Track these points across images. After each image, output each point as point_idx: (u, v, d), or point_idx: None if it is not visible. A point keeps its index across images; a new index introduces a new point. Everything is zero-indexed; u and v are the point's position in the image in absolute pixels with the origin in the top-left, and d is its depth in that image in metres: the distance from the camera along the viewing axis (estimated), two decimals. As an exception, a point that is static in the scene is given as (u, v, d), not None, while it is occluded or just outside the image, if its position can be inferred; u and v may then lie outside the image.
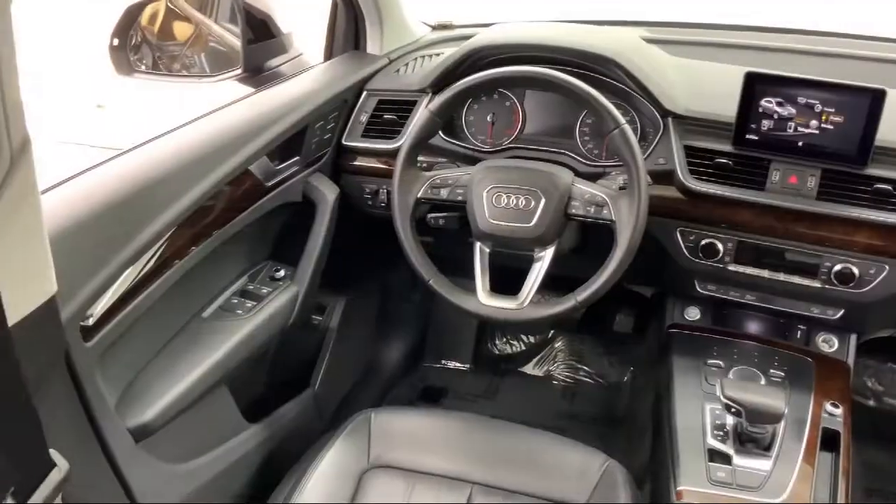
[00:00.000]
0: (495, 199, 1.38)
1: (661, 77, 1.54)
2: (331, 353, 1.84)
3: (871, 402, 2.22)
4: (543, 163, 1.46)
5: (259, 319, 1.42)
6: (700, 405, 1.39)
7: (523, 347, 2.41)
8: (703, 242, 1.50)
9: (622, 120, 1.32)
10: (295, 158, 1.55)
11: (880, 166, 1.38)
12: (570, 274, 1.43)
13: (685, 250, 1.52)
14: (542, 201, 1.36)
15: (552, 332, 2.40)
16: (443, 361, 2.37)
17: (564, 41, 1.55)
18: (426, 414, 1.51)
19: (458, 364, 2.37)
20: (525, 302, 1.37)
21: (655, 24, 1.88)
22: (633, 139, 1.32)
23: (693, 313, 1.64)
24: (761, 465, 1.27)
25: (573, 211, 1.37)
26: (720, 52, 1.74)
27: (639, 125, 1.55)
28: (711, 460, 1.28)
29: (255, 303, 1.45)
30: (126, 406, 1.20)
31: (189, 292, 1.36)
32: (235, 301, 1.45)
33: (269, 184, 1.47)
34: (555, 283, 1.45)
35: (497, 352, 2.42)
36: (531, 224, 1.36)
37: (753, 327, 1.63)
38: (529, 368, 2.38)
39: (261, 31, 1.69)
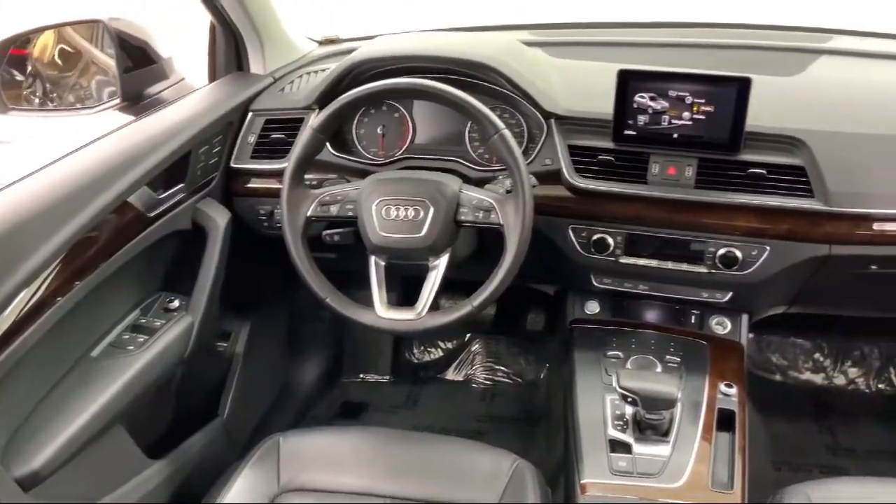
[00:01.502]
0: (385, 211, 1.38)
1: (540, 79, 1.57)
2: (239, 380, 1.81)
3: (777, 377, 2.30)
4: (431, 172, 1.47)
5: (151, 354, 1.39)
6: (601, 397, 1.42)
7: (441, 354, 2.42)
8: (595, 238, 1.53)
9: (501, 125, 1.33)
10: (180, 185, 1.52)
11: (752, 151, 1.43)
12: (476, 278, 1.44)
13: (578, 247, 1.55)
14: (431, 210, 1.36)
15: (468, 335, 2.42)
16: (361, 375, 2.36)
17: (444, 50, 1.56)
18: (336, 432, 1.50)
19: (377, 377, 2.36)
20: (423, 311, 1.37)
21: (536, 27, 1.92)
22: (513, 143, 1.33)
23: (592, 307, 1.68)
24: (660, 451, 1.30)
25: (462, 217, 1.38)
26: (599, 51, 1.78)
27: (525, 128, 1.57)
28: (613, 451, 1.31)
29: (147, 337, 1.42)
30: (12, 454, 1.15)
31: (76, 330, 1.32)
32: (126, 337, 1.42)
33: (153, 214, 1.44)
34: (466, 288, 1.46)
35: (415, 360, 2.43)
36: (422, 234, 1.37)
37: (651, 316, 1.67)
38: (449, 374, 2.39)
39: (139, 58, 1.65)
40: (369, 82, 1.41)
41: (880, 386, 2.26)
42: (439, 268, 1.40)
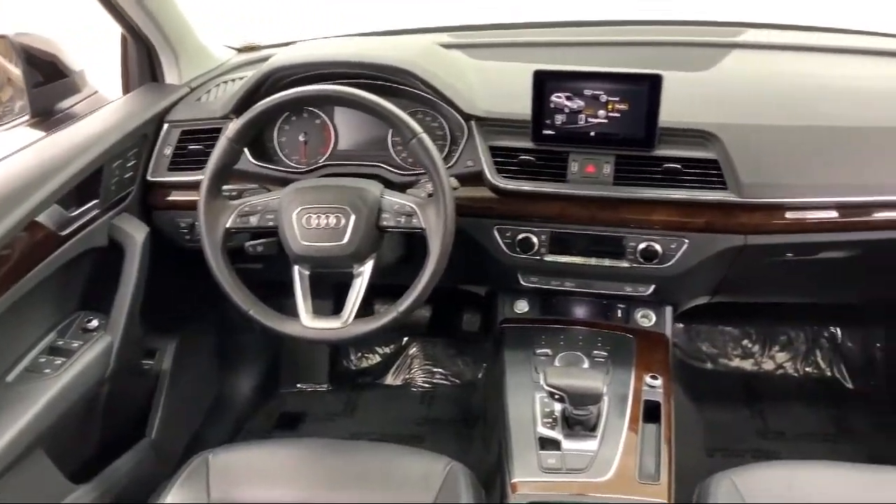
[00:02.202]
0: (305, 220, 1.37)
1: (460, 82, 1.58)
2: (167, 398, 1.77)
3: (708, 365, 2.36)
4: (352, 178, 1.46)
5: (69, 376, 1.35)
6: (531, 396, 1.43)
7: (379, 359, 2.41)
8: (520, 237, 1.54)
9: (418, 129, 1.33)
10: (94, 202, 1.48)
11: (667, 147, 1.46)
12: (407, 283, 1.43)
13: (504, 247, 1.56)
14: (353, 217, 1.36)
15: (405, 339, 2.41)
16: (299, 385, 2.34)
17: (361, 56, 1.55)
18: (268, 446, 1.48)
19: (314, 385, 2.34)
20: (349, 319, 1.36)
21: (456, 29, 1.92)
22: (431, 147, 1.33)
23: (522, 306, 1.69)
24: (589, 445, 1.32)
25: (384, 223, 1.38)
26: (518, 52, 1.80)
27: (447, 131, 1.57)
28: (543, 448, 1.32)
29: (64, 359, 1.37)
30: None
31: None
32: (43, 360, 1.37)
33: (65, 232, 1.40)
34: (396, 293, 1.45)
35: (353, 367, 2.41)
36: (344, 241, 1.36)
37: (579, 312, 1.69)
38: (388, 379, 2.38)
39: (49, 72, 1.61)
40: (287, 89, 1.40)
41: (807, 369, 2.32)
42: (364, 275, 1.39)
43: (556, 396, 1.35)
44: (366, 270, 1.39)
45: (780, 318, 2.34)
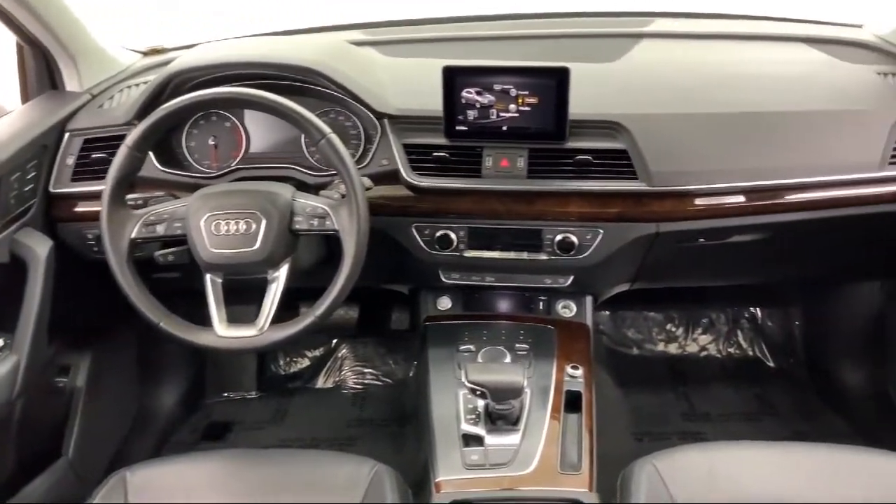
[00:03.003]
0: (214, 227, 1.33)
1: (370, 80, 1.56)
2: (84, 415, 1.71)
3: (635, 351, 2.40)
4: (262, 182, 1.43)
5: None
6: (454, 393, 1.43)
7: (308, 362, 2.38)
8: (438, 234, 1.54)
9: (326, 129, 1.31)
10: None
11: (578, 139, 1.48)
12: (328, 285, 1.41)
13: (423, 244, 1.55)
14: (263, 222, 1.32)
15: (335, 340, 2.39)
16: (226, 394, 2.29)
17: (266, 56, 1.52)
18: (189, 460, 1.44)
19: (242, 393, 2.30)
20: (265, 326, 1.33)
21: (367, 26, 1.90)
22: (341, 147, 1.31)
23: (445, 303, 1.69)
24: (511, 439, 1.32)
25: (297, 226, 1.35)
26: (430, 48, 1.79)
27: (361, 130, 1.56)
28: (467, 445, 1.32)
29: None
30: None
31: None
32: None
33: None
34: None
35: (282, 372, 2.38)
36: (255, 247, 1.32)
37: (502, 306, 1.70)
38: (318, 382, 2.36)
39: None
40: (193, 92, 1.36)
41: (730, 350, 2.39)
42: (279, 280, 1.36)
43: (478, 392, 1.35)
44: (281, 275, 1.36)
45: (701, 301, 2.39)
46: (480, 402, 1.37)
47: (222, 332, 1.34)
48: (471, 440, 1.33)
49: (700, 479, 1.29)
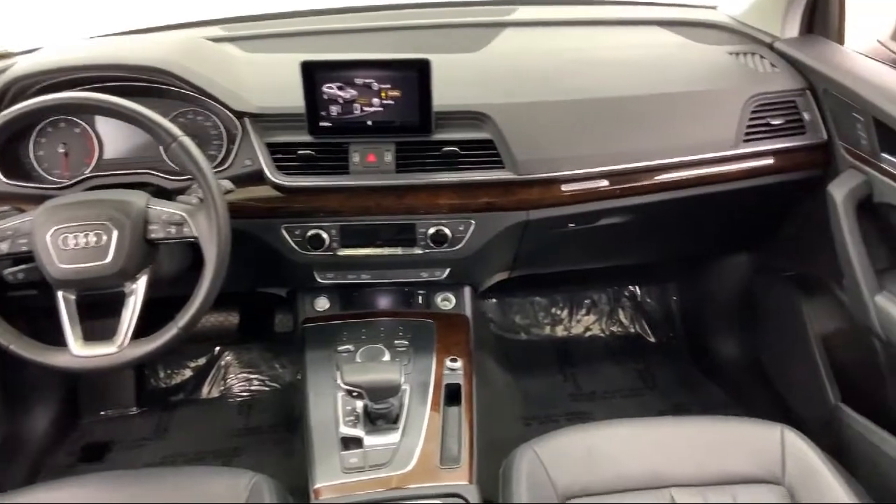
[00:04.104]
0: (62, 241, 1.25)
1: (228, 78, 1.50)
2: None
3: (523, 336, 2.42)
4: (114, 190, 1.35)
5: None
6: (333, 395, 1.40)
7: (190, 373, 2.29)
8: (309, 234, 1.50)
9: (177, 132, 1.25)
10: None
11: (444, 131, 1.47)
12: None
13: (294, 245, 1.51)
14: (115, 233, 1.25)
15: (217, 348, 2.31)
16: (103, 412, 2.17)
17: (112, 57, 1.45)
18: (61, 485, 1.35)
19: (121, 410, 2.19)
20: (125, 342, 1.26)
21: (228, 21, 1.83)
22: (194, 149, 1.26)
23: (322, 304, 1.65)
24: (391, 438, 1.30)
25: (153, 235, 1.28)
26: (293, 42, 1.74)
27: (223, 130, 1.50)
28: (346, 448, 1.29)
29: None
30: None
31: None
32: None
33: None
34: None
35: (163, 385, 2.28)
36: (108, 260, 1.25)
37: (382, 303, 1.67)
38: (202, 393, 2.27)
39: None
40: (38, 96, 1.27)
41: (612, 329, 2.45)
42: (138, 292, 1.29)
43: (355, 394, 1.33)
44: (139, 288, 1.29)
45: (583, 282, 2.44)
46: (359, 404, 1.35)
47: (78, 351, 1.26)
48: (350, 443, 1.30)
49: (579, 460, 1.31)
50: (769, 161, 1.56)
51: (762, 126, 1.55)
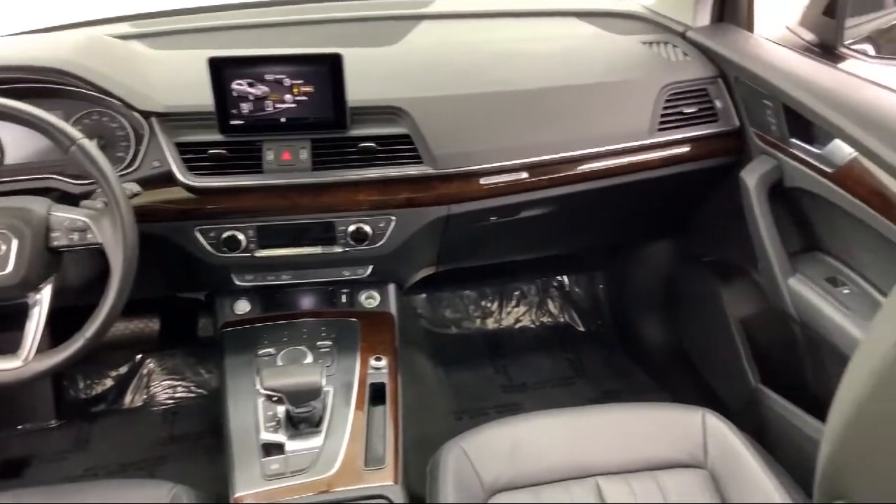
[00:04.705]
0: None
1: (133, 76, 1.45)
2: None
3: (453, 330, 2.42)
4: (14, 197, 1.28)
5: None
6: (253, 401, 1.36)
7: (112, 382, 2.22)
8: (224, 236, 1.46)
9: (76, 135, 1.20)
10: None
11: (360, 126, 1.44)
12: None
13: (210, 248, 1.47)
14: (15, 242, 1.19)
15: (138, 356, 2.24)
16: (20, 426, 2.09)
17: (7, 58, 1.38)
18: None
19: (40, 423, 2.10)
20: (30, 356, 1.21)
21: (137, 18, 1.77)
22: (94, 152, 1.20)
23: (242, 307, 1.61)
24: (314, 442, 1.28)
25: (56, 243, 1.22)
26: (203, 38, 1.69)
27: (130, 131, 1.44)
28: (267, 454, 1.26)
29: None
30: None
31: None
32: None
33: None
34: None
35: (83, 396, 2.19)
36: (8, 271, 1.19)
37: (305, 303, 1.64)
38: (125, 402, 2.20)
39: None
40: None
41: (542, 319, 2.46)
42: (42, 303, 1.23)
43: (275, 398, 1.29)
44: (43, 298, 1.23)
45: (512, 274, 2.45)
46: (280, 408, 1.31)
47: None
48: (271, 449, 1.27)
49: (505, 454, 1.31)
50: (684, 149, 1.58)
51: (676, 115, 1.57)
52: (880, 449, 0.45)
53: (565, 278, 2.49)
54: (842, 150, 1.34)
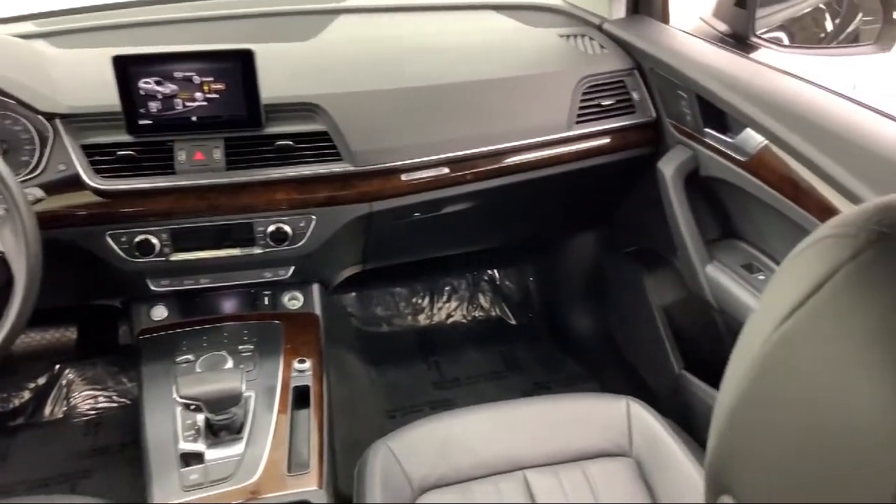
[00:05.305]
0: None
1: (33, 77, 1.39)
2: None
3: (385, 328, 2.40)
4: None
5: None
6: (171, 410, 1.32)
7: (29, 395, 2.12)
8: (137, 240, 1.41)
9: None
10: None
11: (276, 124, 1.41)
12: None
13: (122, 253, 1.41)
14: None
15: (57, 366, 2.15)
16: None
17: None
18: None
19: None
20: None
21: (39, 16, 1.69)
22: None
23: (160, 313, 1.55)
24: (235, 450, 1.24)
25: None
26: (110, 36, 1.63)
27: (35, 134, 1.37)
28: (186, 465, 1.22)
29: None
30: None
31: None
32: None
33: None
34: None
35: None
36: None
37: (226, 307, 1.59)
38: (44, 415, 2.11)
39: None
40: None
41: (474, 313, 2.46)
42: None
43: (193, 407, 1.26)
44: None
45: (443, 269, 2.44)
46: (200, 417, 1.27)
47: None
48: (190, 459, 1.23)
49: (434, 452, 1.30)
50: (603, 141, 1.59)
51: (594, 107, 1.58)
52: (760, 441, 0.45)
53: (496, 272, 2.49)
54: (753, 138, 1.37)
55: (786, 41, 1.72)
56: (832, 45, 1.73)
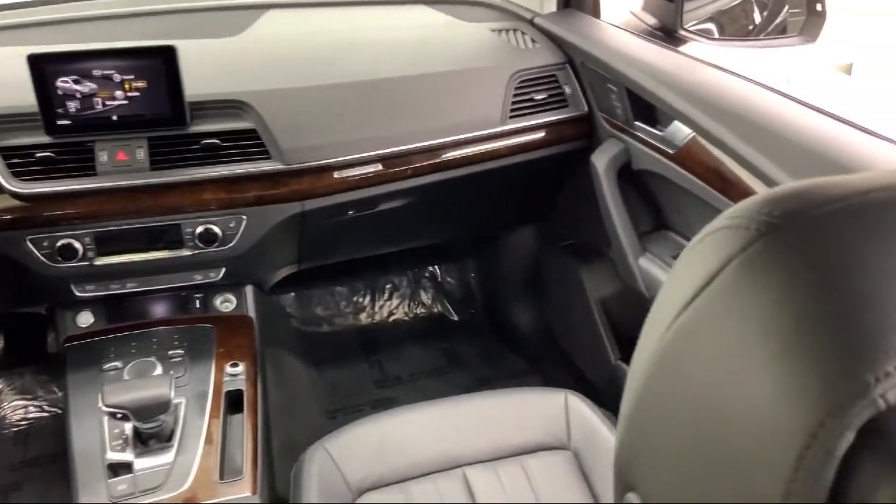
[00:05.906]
0: None
1: None
2: None
3: (325, 328, 2.36)
4: None
5: None
6: (98, 419, 1.28)
7: (-46, 407, 2.05)
8: (59, 245, 1.36)
9: None
10: None
11: (202, 122, 1.37)
12: None
13: (43, 258, 1.36)
14: None
15: None
16: None
17: None
18: None
19: None
20: None
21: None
22: None
23: (85, 319, 1.50)
24: (165, 458, 1.21)
25: None
26: (28, 34, 1.57)
27: None
28: (115, 475, 1.19)
29: None
30: None
31: None
32: None
33: None
34: None
35: None
36: None
37: (156, 311, 1.55)
38: None
39: None
40: None
41: (416, 311, 2.44)
42: None
43: (119, 416, 1.22)
44: None
45: (383, 267, 2.42)
46: (127, 425, 1.24)
47: None
48: (118, 469, 1.19)
49: (372, 452, 1.28)
50: (537, 135, 1.60)
51: (527, 101, 1.58)
52: (658, 438, 0.44)
53: (437, 269, 2.48)
54: (681, 131, 1.38)
55: (715, 33, 1.74)
56: (760, 38, 1.75)
